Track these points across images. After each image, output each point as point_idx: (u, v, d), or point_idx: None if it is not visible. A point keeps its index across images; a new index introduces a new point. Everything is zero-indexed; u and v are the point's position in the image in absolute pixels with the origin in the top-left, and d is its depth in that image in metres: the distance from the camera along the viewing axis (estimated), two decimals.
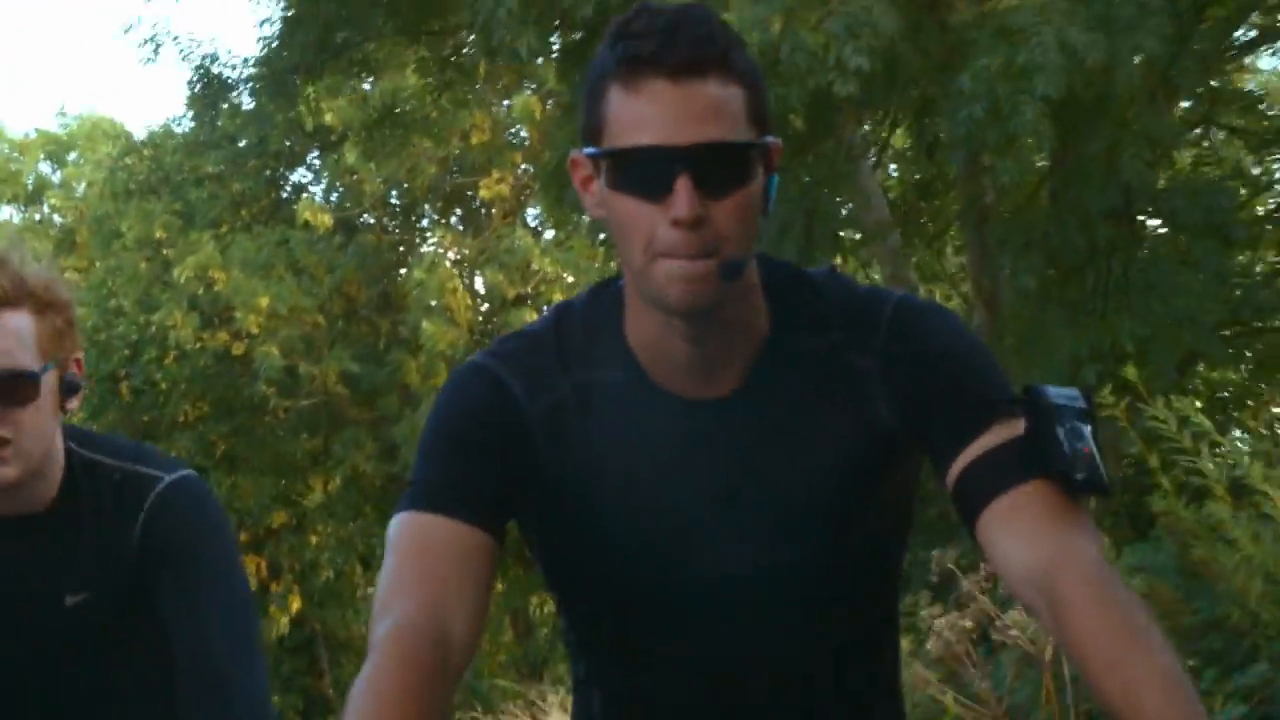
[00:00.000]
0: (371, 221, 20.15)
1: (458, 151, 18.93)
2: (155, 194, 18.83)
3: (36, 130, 27.06)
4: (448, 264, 18.98)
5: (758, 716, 2.03)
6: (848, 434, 1.91)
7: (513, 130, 19.56)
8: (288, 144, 19.16)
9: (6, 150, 26.82)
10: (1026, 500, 1.77)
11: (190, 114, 17.68)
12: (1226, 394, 12.42)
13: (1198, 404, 5.35)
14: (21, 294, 2.39)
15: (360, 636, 18.55)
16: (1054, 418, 1.79)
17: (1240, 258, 10.89)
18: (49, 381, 2.42)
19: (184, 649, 2.42)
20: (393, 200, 20.12)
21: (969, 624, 4.97)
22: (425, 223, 20.73)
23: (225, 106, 15.44)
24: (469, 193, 19.95)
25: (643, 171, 1.75)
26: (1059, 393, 1.82)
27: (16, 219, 27.14)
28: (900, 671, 2.18)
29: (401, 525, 1.86)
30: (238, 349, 18.23)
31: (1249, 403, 12.37)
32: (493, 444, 1.89)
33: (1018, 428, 1.81)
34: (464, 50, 13.23)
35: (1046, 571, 1.72)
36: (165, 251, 18.53)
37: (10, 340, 2.37)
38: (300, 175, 20.44)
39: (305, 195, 19.70)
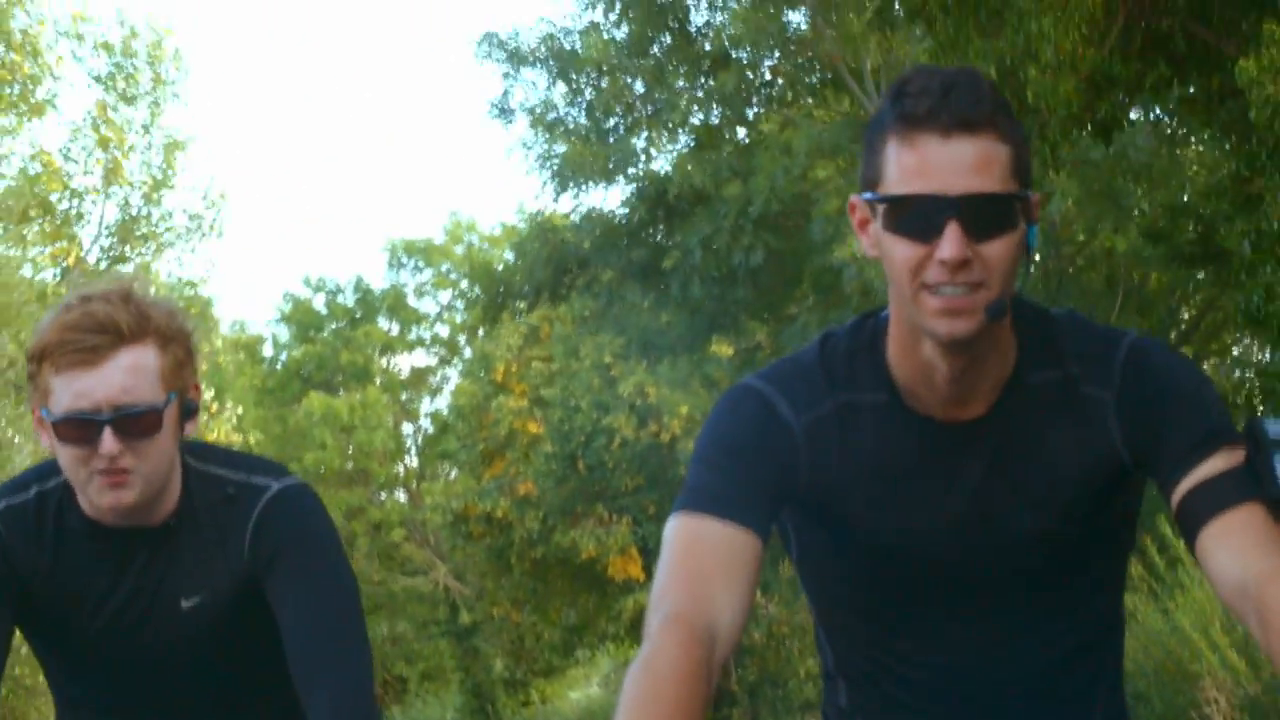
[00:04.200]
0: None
1: None
2: (603, 327, 24.56)
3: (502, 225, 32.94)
4: None
5: (987, 708, 2.15)
6: (1084, 457, 2.05)
7: None
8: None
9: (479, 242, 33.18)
10: (1241, 522, 1.92)
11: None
12: None
13: None
14: (146, 329, 2.41)
15: (760, 644, 21.61)
16: (1270, 449, 1.93)
17: None
18: (170, 411, 2.45)
19: (291, 638, 2.47)
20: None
21: None
22: None
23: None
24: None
25: (916, 217, 1.90)
26: (1277, 426, 1.94)
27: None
28: (1123, 671, 2.23)
29: (677, 525, 2.00)
30: (664, 438, 24.08)
31: None
32: (760, 456, 2.04)
33: (1238, 457, 1.97)
34: None
35: (1256, 583, 1.87)
36: (612, 371, 24.40)
37: (135, 377, 2.39)
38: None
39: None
